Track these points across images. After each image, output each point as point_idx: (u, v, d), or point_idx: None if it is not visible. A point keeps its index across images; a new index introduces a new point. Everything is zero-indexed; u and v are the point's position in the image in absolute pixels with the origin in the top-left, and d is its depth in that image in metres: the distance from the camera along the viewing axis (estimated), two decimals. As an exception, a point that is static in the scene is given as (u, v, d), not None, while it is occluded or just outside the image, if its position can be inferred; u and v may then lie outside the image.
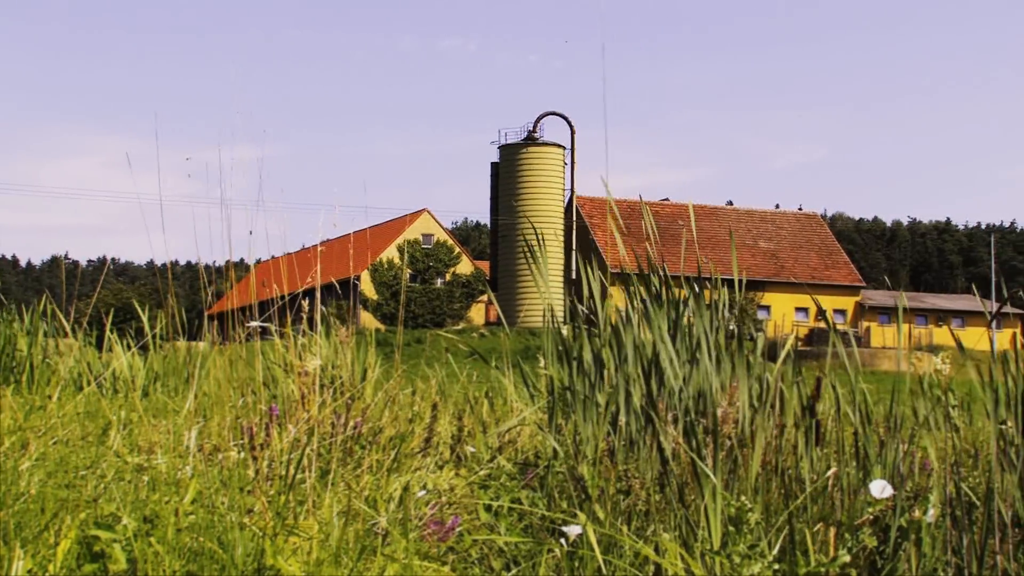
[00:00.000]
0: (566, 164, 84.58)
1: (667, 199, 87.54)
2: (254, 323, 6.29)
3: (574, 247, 78.07)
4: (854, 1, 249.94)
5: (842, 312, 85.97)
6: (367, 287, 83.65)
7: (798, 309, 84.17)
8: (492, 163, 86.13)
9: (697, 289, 5.71)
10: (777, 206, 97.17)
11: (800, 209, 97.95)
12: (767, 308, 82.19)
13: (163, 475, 4.32)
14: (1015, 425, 4.67)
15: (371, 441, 5.67)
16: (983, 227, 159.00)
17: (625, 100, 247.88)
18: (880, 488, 4.27)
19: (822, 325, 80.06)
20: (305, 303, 6.28)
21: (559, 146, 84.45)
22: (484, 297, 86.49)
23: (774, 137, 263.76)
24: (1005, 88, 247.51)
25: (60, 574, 3.66)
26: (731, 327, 5.69)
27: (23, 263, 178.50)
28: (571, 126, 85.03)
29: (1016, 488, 4.37)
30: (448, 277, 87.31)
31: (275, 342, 6.44)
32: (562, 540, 4.38)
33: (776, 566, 4.02)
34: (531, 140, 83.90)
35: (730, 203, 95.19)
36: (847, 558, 3.97)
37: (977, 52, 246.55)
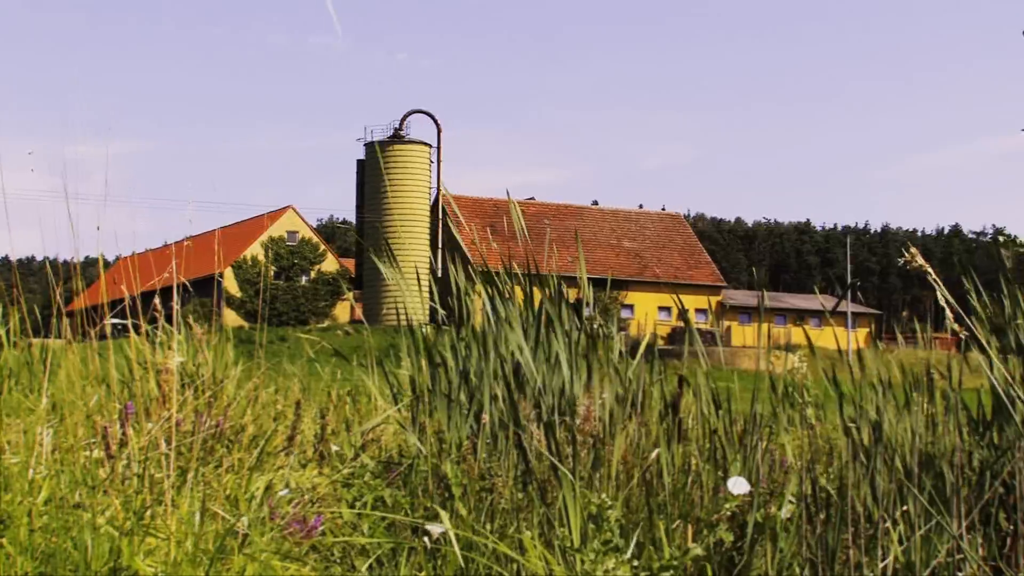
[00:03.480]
0: (433, 162, 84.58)
1: (532, 198, 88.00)
2: (114, 320, 6.17)
3: (440, 245, 78.10)
4: (726, 8, 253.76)
5: (704, 311, 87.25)
6: (231, 284, 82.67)
7: (661, 308, 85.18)
8: (358, 160, 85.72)
9: (560, 287, 5.75)
10: (641, 206, 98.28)
11: (664, 209, 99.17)
12: (631, 307, 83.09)
13: (16, 475, 4.22)
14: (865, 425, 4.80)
15: (233, 440, 5.61)
16: (839, 228, 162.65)
17: (496, 99, 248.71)
18: (737, 484, 4.35)
19: (684, 324, 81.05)
20: (156, 301, 6.19)
21: (426, 144, 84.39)
22: (350, 295, 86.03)
23: (644, 138, 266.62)
24: (863, 96, 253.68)
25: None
26: (593, 325, 5.74)
27: None
28: (437, 124, 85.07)
29: (867, 485, 4.49)
30: (313, 275, 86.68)
31: (132, 339, 6.33)
32: (425, 538, 4.38)
33: (636, 562, 4.07)
34: (397, 138, 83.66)
35: (595, 203, 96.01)
36: (699, 551, 4.04)
37: (839, 63, 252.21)
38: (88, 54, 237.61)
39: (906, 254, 4.31)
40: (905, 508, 4.45)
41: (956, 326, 4.53)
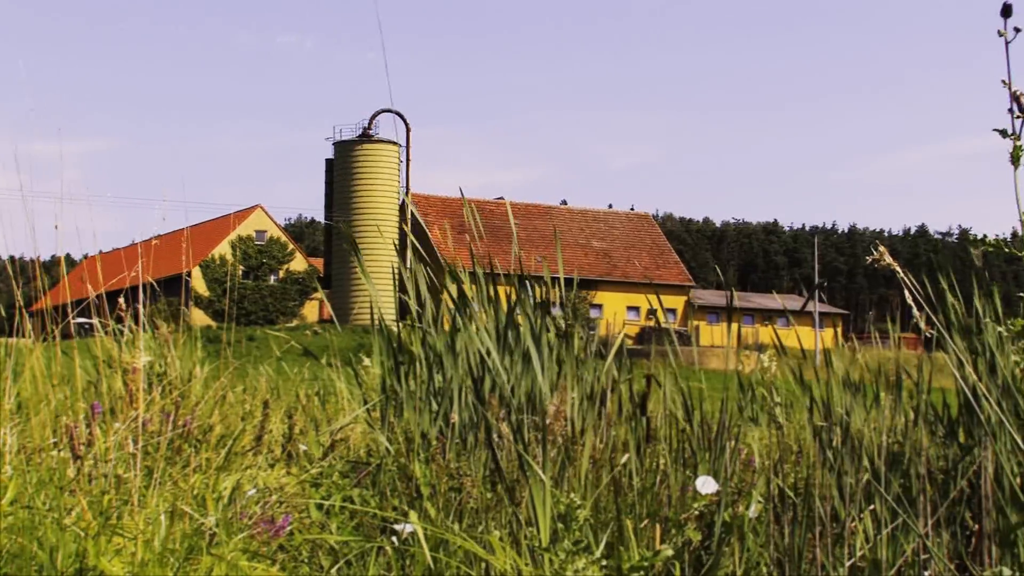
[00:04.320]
0: (401, 161, 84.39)
1: (502, 197, 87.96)
2: (80, 319, 6.14)
3: (408, 244, 77.91)
4: (697, 9, 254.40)
5: (672, 311, 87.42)
6: (199, 284, 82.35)
7: (630, 308, 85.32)
8: (327, 160, 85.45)
9: (528, 287, 5.75)
10: (610, 206, 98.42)
11: (632, 209, 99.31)
12: (599, 307, 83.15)
13: (-19, 475, 4.19)
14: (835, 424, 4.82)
15: (201, 440, 5.59)
16: (807, 228, 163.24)
17: (466, 99, 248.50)
18: (704, 484, 4.35)
19: (653, 323, 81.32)
20: (121, 301, 6.16)
21: (394, 143, 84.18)
22: (319, 294, 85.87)
23: (613, 139, 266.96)
24: (832, 97, 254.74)
25: None
26: (562, 325, 5.74)
27: None
28: (406, 124, 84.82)
29: (834, 485, 4.50)
30: (282, 274, 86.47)
31: (100, 338, 6.29)
32: (393, 538, 4.38)
33: (604, 562, 4.07)
34: (366, 137, 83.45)
35: (564, 202, 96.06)
36: (670, 552, 4.04)
37: (809, 65, 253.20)
38: (56, 52, 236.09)
39: (874, 252, 4.32)
40: (872, 507, 4.47)
41: (924, 325, 4.55)
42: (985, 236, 3.54)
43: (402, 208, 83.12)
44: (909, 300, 4.24)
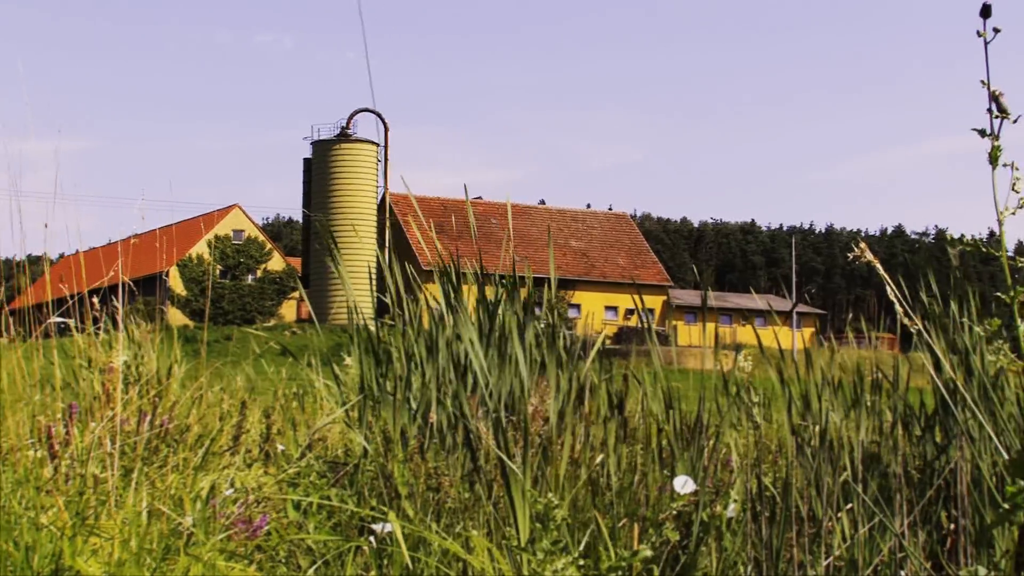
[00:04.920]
0: (380, 161, 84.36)
1: (480, 197, 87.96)
2: (56, 318, 6.11)
3: (388, 244, 77.91)
4: (676, 9, 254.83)
5: (650, 311, 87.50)
6: (176, 283, 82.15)
7: (608, 307, 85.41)
8: (305, 159, 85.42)
9: (509, 286, 5.75)
10: (588, 206, 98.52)
11: (611, 209, 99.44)
12: (577, 306, 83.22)
13: (-43, 475, 4.17)
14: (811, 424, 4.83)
15: (178, 439, 5.57)
16: (785, 228, 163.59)
17: (445, 99, 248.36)
18: (682, 483, 4.36)
19: (631, 323, 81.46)
20: (95, 300, 6.13)
21: (372, 143, 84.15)
22: (296, 294, 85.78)
23: (591, 139, 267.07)
24: (810, 98, 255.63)
25: None
26: (542, 325, 5.74)
27: None
28: (384, 123, 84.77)
29: (812, 484, 4.52)
30: (259, 273, 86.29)
31: (76, 338, 6.27)
32: (371, 538, 4.37)
33: (582, 561, 4.07)
34: (344, 137, 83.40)
35: (543, 202, 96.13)
36: (648, 552, 4.05)
37: (786, 65, 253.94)
38: (34, 50, 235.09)
39: (855, 248, 4.32)
40: (850, 506, 4.48)
41: (908, 320, 4.55)
42: (962, 236, 3.56)
43: (380, 207, 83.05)
44: (891, 295, 4.25)
